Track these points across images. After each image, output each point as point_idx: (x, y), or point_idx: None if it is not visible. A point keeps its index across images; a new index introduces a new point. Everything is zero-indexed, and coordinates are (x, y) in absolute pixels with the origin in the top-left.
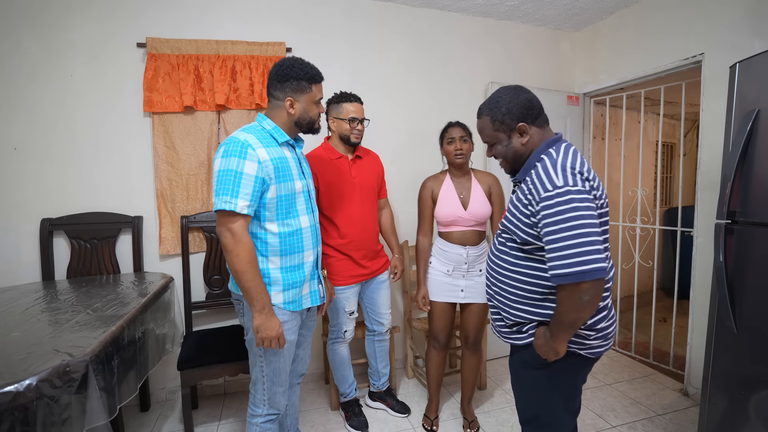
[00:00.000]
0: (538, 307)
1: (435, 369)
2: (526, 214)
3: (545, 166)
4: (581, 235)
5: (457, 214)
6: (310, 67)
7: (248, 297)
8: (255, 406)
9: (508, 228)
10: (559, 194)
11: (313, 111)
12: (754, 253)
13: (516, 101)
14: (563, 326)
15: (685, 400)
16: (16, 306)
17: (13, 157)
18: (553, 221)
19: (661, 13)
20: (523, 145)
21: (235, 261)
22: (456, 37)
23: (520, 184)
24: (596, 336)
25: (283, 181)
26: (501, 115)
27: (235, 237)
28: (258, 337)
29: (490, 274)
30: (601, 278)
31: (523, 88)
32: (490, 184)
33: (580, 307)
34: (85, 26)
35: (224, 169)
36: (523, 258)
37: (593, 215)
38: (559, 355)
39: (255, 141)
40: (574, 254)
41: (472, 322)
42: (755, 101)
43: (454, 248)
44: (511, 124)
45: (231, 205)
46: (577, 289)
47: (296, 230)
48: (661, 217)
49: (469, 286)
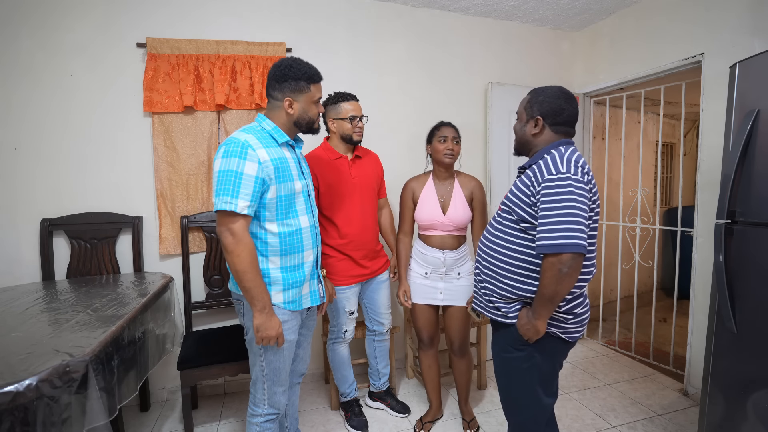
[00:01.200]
0: (523, 283)
1: (426, 369)
2: (527, 194)
3: (553, 158)
4: (570, 215)
5: (435, 218)
6: (308, 67)
7: (249, 297)
8: (255, 406)
9: (508, 205)
10: (560, 179)
11: (312, 111)
12: (754, 253)
13: (551, 101)
14: (544, 300)
15: (685, 400)
16: (16, 306)
17: (13, 157)
18: (549, 200)
19: (661, 13)
20: (533, 135)
21: (235, 261)
22: (456, 37)
23: (525, 171)
24: (573, 320)
25: (283, 181)
26: (535, 101)
27: (235, 237)
28: (258, 337)
29: (482, 250)
30: (581, 253)
31: (571, 99)
32: (472, 189)
33: (560, 278)
34: (85, 27)
35: (225, 170)
36: (517, 234)
37: (585, 203)
38: (539, 333)
39: (255, 141)
40: (561, 229)
41: (455, 326)
42: (755, 101)
43: (432, 251)
44: (534, 113)
45: (231, 205)
46: (557, 260)
47: (296, 230)
48: (661, 217)
49: (448, 288)
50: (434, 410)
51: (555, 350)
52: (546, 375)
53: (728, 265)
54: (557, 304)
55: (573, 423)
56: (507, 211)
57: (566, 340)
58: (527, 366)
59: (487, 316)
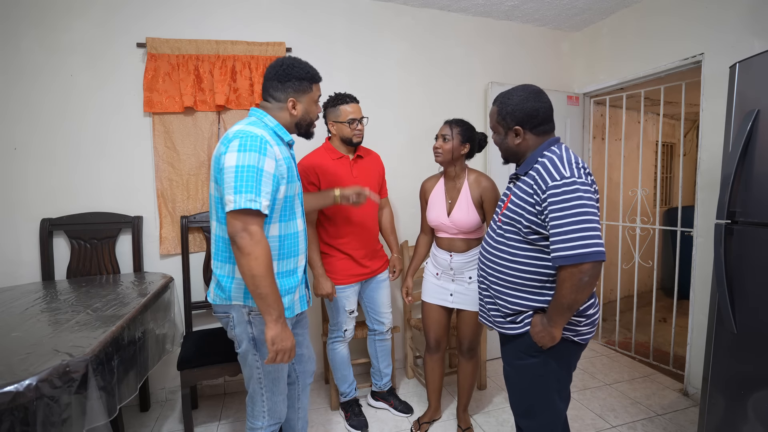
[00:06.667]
0: (536, 295)
1: (429, 371)
2: (531, 203)
3: (552, 161)
4: (584, 221)
5: (440, 221)
6: (309, 67)
7: (264, 305)
8: (254, 419)
9: (511, 217)
10: (566, 184)
11: (313, 111)
12: (754, 253)
13: (523, 107)
14: (562, 309)
15: (685, 400)
16: (16, 306)
17: (14, 157)
18: (559, 208)
19: (661, 14)
20: (516, 146)
21: (253, 265)
22: (456, 37)
23: (521, 177)
24: (586, 322)
25: (290, 182)
26: (505, 113)
27: (253, 238)
28: (272, 350)
29: (486, 264)
30: (601, 261)
31: (539, 94)
32: (482, 191)
33: (580, 288)
34: (85, 27)
35: (245, 165)
36: (524, 247)
37: (595, 206)
38: (555, 340)
39: (269, 138)
40: (577, 237)
41: (466, 329)
42: (755, 101)
43: (441, 253)
44: (509, 124)
45: (256, 204)
46: (578, 270)
47: (294, 233)
48: (661, 217)
49: (459, 291)
50: (432, 411)
51: (569, 354)
52: (562, 380)
53: (728, 265)
54: (575, 311)
55: (573, 423)
56: (509, 223)
57: (579, 343)
58: (542, 372)
59: (497, 330)
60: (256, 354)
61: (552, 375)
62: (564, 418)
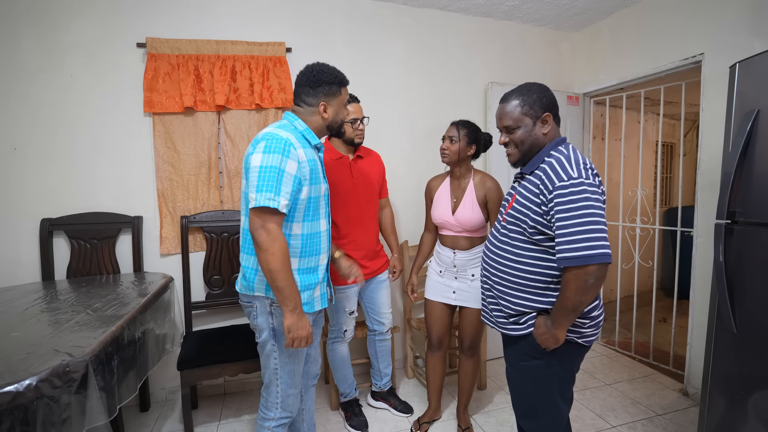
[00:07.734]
0: (540, 296)
1: (431, 371)
2: (537, 203)
3: (559, 161)
4: (591, 222)
5: (445, 218)
6: (338, 71)
7: (281, 297)
8: (267, 410)
9: (516, 217)
10: (574, 185)
11: (342, 113)
12: (754, 253)
13: (546, 94)
14: (567, 311)
15: (685, 400)
16: (16, 306)
17: (13, 157)
18: (566, 208)
19: (661, 14)
20: (544, 135)
21: (270, 260)
22: (456, 37)
23: (526, 177)
24: (590, 324)
25: (315, 183)
26: (532, 101)
27: (271, 235)
28: (289, 338)
29: (488, 264)
30: (607, 263)
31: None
32: (486, 191)
33: (586, 289)
34: (85, 27)
35: (268, 165)
36: (528, 247)
37: (602, 207)
38: (559, 342)
39: (295, 141)
40: (583, 239)
41: (467, 327)
42: (755, 101)
43: (444, 250)
44: (538, 112)
45: (275, 202)
46: (583, 272)
47: (317, 233)
48: (661, 217)
49: (462, 289)
50: (432, 411)
51: (572, 356)
52: (565, 382)
53: (728, 265)
54: (579, 313)
55: (573, 423)
56: (514, 223)
57: (583, 345)
58: (545, 374)
59: (500, 331)
60: (274, 344)
61: (555, 377)
62: (566, 420)
